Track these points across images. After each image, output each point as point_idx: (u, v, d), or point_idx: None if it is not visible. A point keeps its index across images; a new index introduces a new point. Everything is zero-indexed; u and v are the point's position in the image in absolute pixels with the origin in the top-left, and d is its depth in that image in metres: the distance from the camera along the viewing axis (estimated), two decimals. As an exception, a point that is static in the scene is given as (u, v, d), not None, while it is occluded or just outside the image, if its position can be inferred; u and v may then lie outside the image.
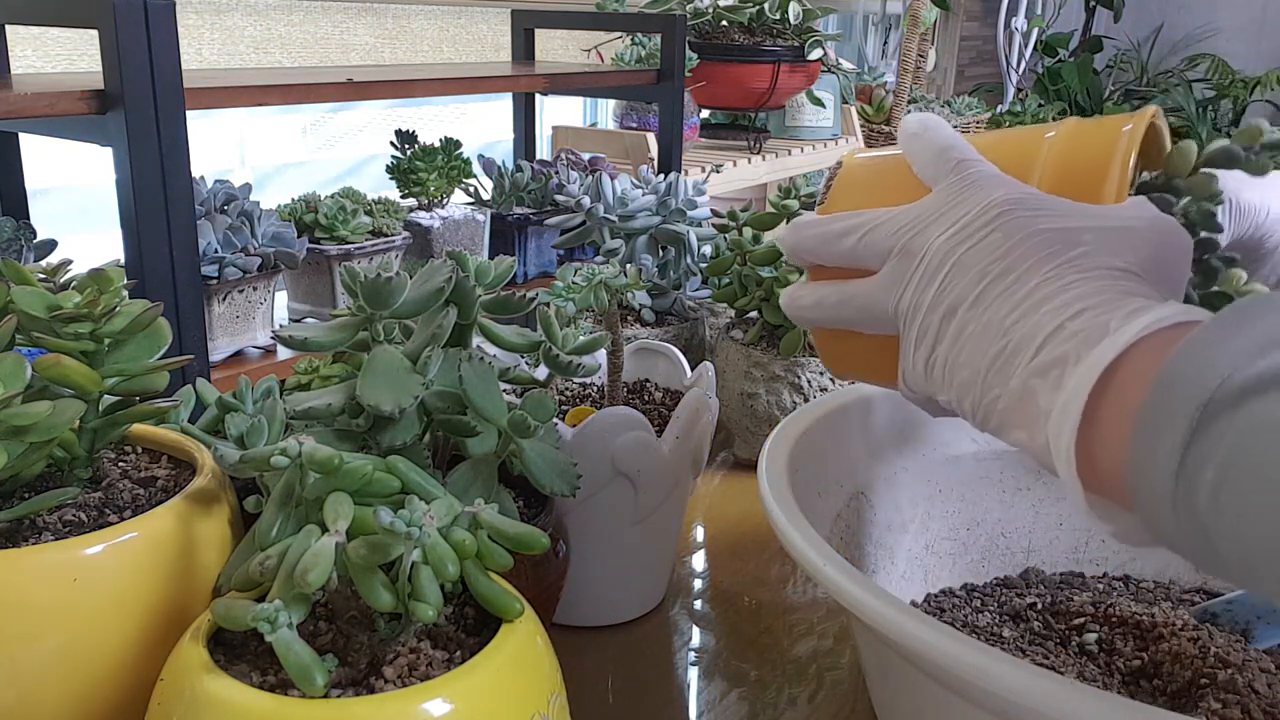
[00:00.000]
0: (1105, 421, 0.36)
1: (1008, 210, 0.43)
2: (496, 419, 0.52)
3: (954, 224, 0.44)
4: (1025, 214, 0.43)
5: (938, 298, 0.44)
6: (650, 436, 0.62)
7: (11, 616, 0.41)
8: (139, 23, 0.99)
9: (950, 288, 0.43)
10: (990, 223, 0.43)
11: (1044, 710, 0.37)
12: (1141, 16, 4.66)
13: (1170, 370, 0.34)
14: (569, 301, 0.63)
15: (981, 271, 0.42)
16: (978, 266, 0.42)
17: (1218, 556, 0.33)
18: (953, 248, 0.44)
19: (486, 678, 0.39)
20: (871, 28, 3.66)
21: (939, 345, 0.44)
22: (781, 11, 2.05)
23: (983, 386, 0.41)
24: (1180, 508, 0.33)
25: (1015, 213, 0.43)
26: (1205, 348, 0.34)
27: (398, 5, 2.19)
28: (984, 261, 0.42)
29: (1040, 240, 0.42)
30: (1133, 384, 0.36)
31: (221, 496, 0.50)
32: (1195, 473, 0.32)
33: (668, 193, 1.00)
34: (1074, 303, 0.39)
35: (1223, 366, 0.32)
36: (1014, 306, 0.41)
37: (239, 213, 1.21)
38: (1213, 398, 0.32)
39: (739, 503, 0.87)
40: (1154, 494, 0.34)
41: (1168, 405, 0.33)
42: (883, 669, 0.53)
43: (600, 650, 0.66)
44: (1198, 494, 0.32)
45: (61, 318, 0.47)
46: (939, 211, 0.45)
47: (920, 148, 0.49)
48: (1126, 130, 0.47)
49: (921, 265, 0.45)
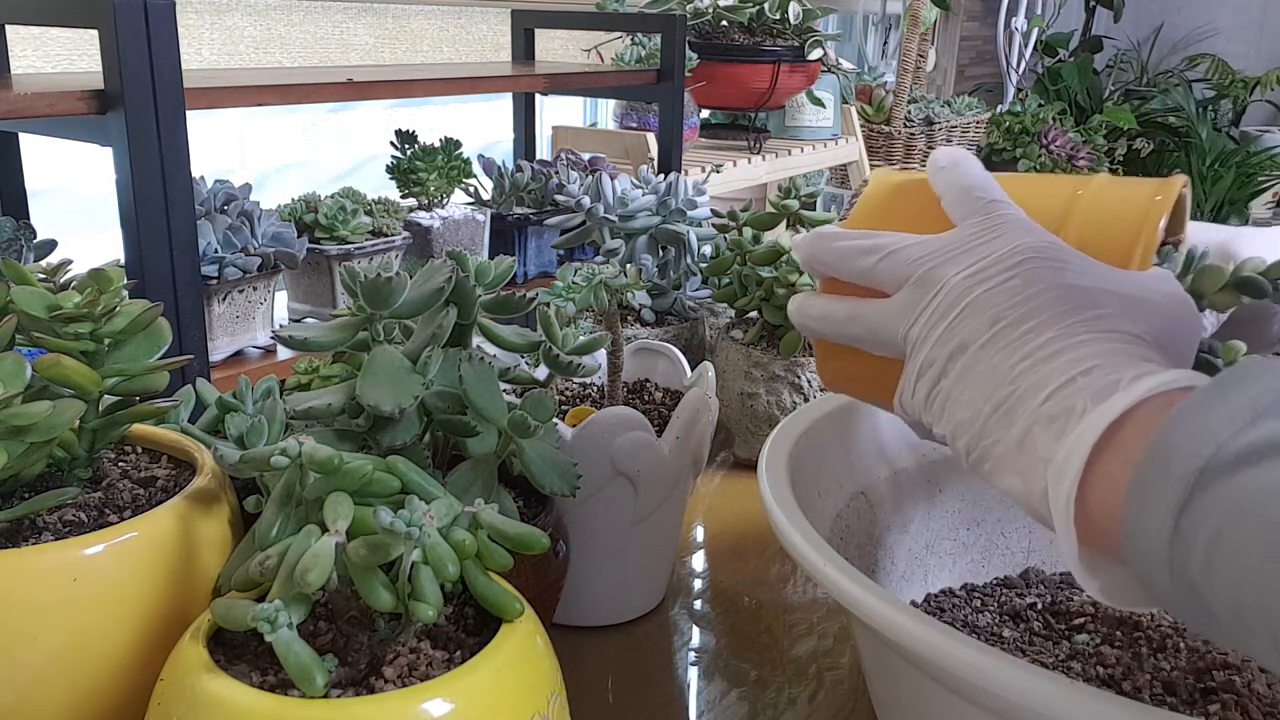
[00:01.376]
0: (1105, 477, 0.37)
1: (1031, 259, 0.43)
2: (496, 419, 0.52)
3: (975, 263, 0.44)
4: (1048, 265, 0.43)
5: (948, 333, 0.44)
6: (650, 436, 0.62)
7: (11, 616, 0.41)
8: (139, 23, 0.99)
9: (962, 326, 0.43)
10: (1012, 268, 0.43)
11: (1044, 710, 0.37)
12: (1141, 16, 4.66)
13: (1166, 435, 0.34)
14: (569, 301, 0.63)
15: (996, 315, 0.42)
16: (993, 310, 0.42)
17: (1213, 620, 0.33)
18: (970, 286, 0.44)
19: (486, 678, 0.39)
20: (871, 28, 3.66)
21: (943, 380, 0.44)
22: (781, 11, 2.05)
23: (982, 429, 0.41)
24: (1175, 572, 0.33)
25: (1038, 262, 0.43)
26: (1199, 414, 0.34)
27: (398, 5, 2.19)
28: (1000, 305, 0.42)
29: (1059, 295, 0.42)
30: (1135, 442, 0.36)
31: (221, 496, 0.50)
32: (1189, 539, 0.33)
33: (668, 193, 1.00)
34: (1087, 359, 0.39)
35: (1216, 433, 0.33)
36: (1025, 355, 0.41)
37: (239, 213, 1.21)
38: (1207, 465, 0.33)
39: (739, 503, 0.87)
40: (1148, 556, 0.34)
41: (1162, 470, 0.34)
42: (883, 669, 0.53)
43: (600, 650, 0.66)
44: (1191, 559, 0.33)
45: (61, 318, 0.47)
46: (962, 248, 0.45)
47: (948, 182, 0.49)
48: (1158, 200, 0.48)
49: (937, 298, 0.45)
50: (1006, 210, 0.47)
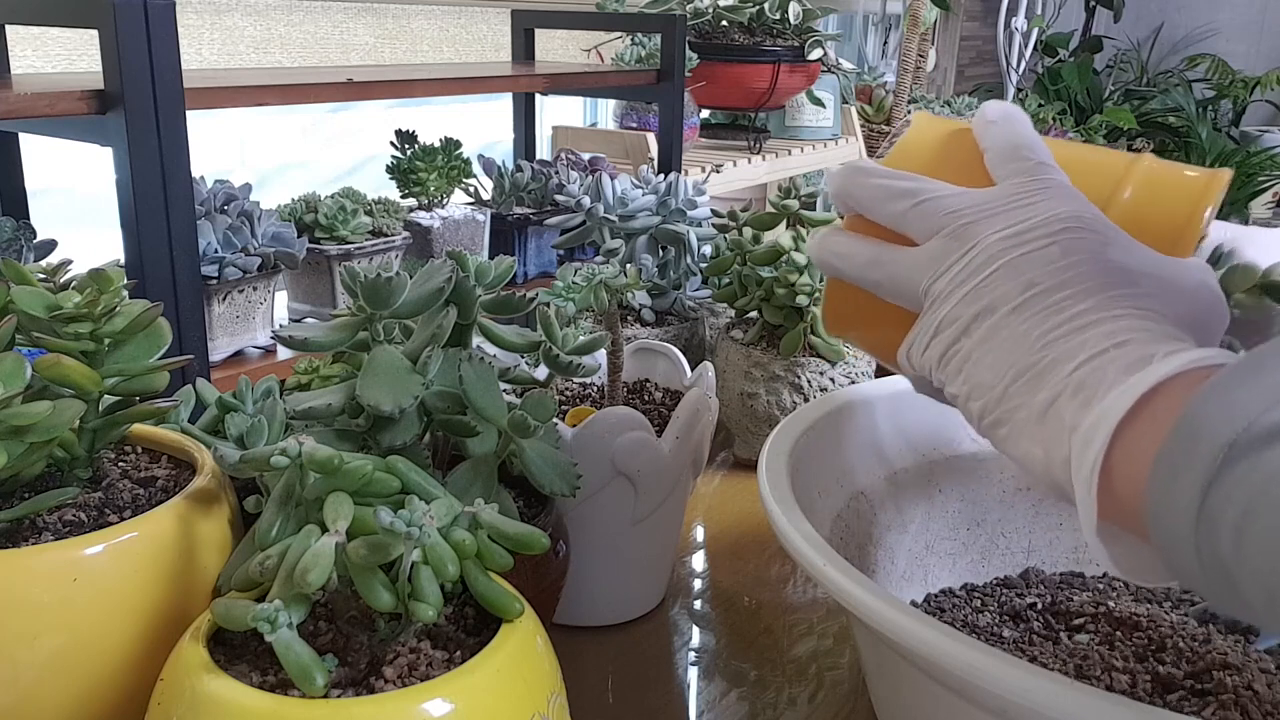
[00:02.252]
0: (1132, 449, 0.36)
1: (1073, 228, 0.42)
2: (496, 419, 0.52)
3: (1014, 224, 0.43)
4: (1090, 237, 0.42)
5: (976, 292, 0.42)
6: (650, 436, 0.62)
7: (11, 616, 0.41)
8: (139, 23, 0.99)
9: (993, 287, 0.42)
10: (1053, 235, 0.42)
11: (1044, 710, 0.37)
12: (1141, 16, 4.66)
13: (1193, 411, 0.34)
14: (569, 301, 0.63)
15: (1031, 280, 0.41)
16: (1028, 274, 0.41)
17: (1240, 597, 0.33)
18: (1007, 248, 0.43)
19: (486, 678, 0.39)
20: (871, 28, 3.66)
21: (964, 339, 0.43)
22: (781, 11, 2.05)
23: (1004, 393, 0.41)
24: (1201, 549, 0.33)
25: (1081, 233, 0.42)
26: (1228, 390, 0.33)
27: (398, 5, 2.19)
28: (1036, 271, 0.41)
29: (1100, 268, 0.41)
30: (1164, 417, 0.35)
31: (221, 496, 0.50)
32: (1217, 516, 0.32)
33: (668, 193, 1.00)
34: (1121, 333, 0.39)
35: (1247, 410, 0.32)
36: (1059, 324, 0.40)
37: (239, 213, 1.21)
38: (1235, 441, 0.32)
39: (739, 503, 0.87)
40: (1173, 533, 0.34)
41: (1190, 447, 0.33)
42: (883, 669, 0.53)
43: (600, 650, 0.66)
44: (1220, 536, 0.32)
45: (61, 318, 0.47)
46: (1003, 206, 0.44)
47: (996, 137, 0.47)
48: (1209, 190, 0.47)
49: (969, 255, 0.43)
50: (1053, 174, 0.45)
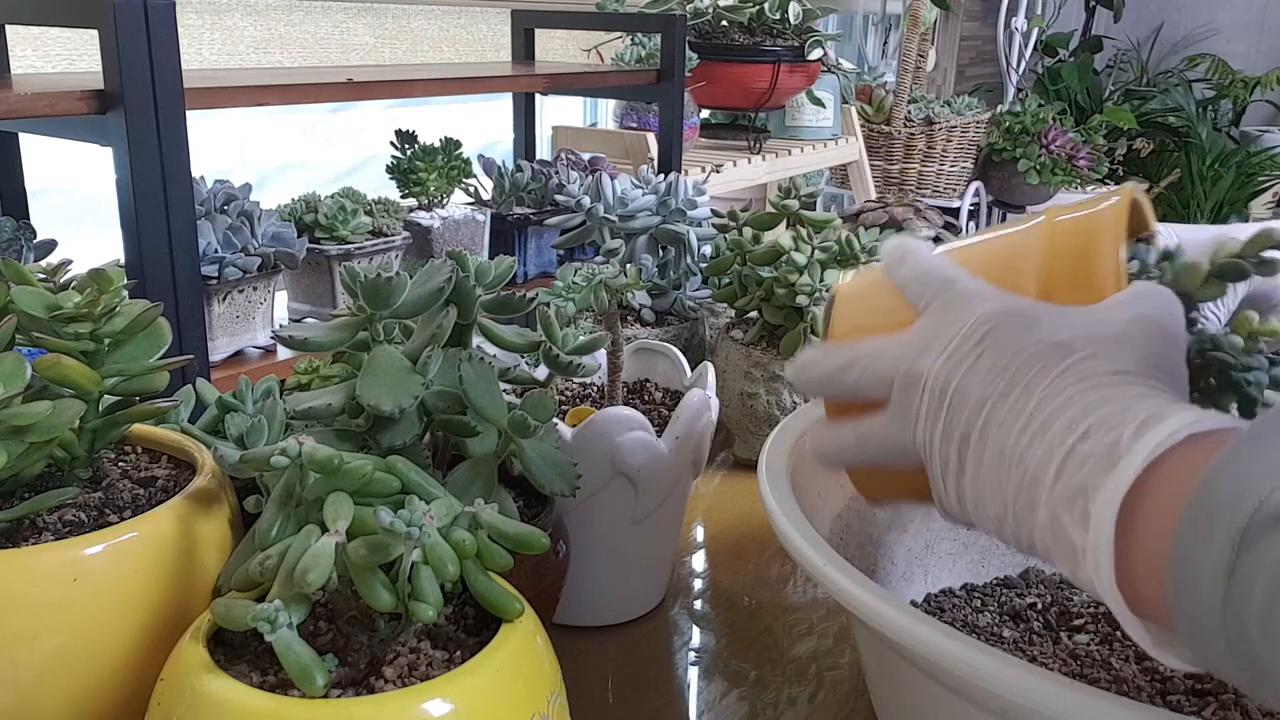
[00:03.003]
0: (1139, 553, 0.35)
1: (995, 327, 0.42)
2: (496, 419, 0.52)
3: (945, 347, 0.43)
4: (1011, 329, 0.42)
5: (948, 429, 0.42)
6: (650, 436, 0.62)
7: (11, 616, 0.41)
8: (139, 23, 0.99)
9: (956, 418, 0.41)
10: (979, 343, 0.42)
11: (1044, 710, 0.37)
12: (1141, 16, 4.66)
13: (1202, 496, 0.33)
14: (569, 301, 0.63)
15: (980, 398, 0.41)
16: (976, 393, 0.41)
17: (1272, 681, 0.32)
18: (949, 374, 0.42)
19: (486, 678, 0.39)
20: (871, 28, 3.66)
21: (962, 477, 0.42)
22: (781, 11, 2.05)
23: (1014, 520, 0.40)
24: (1229, 636, 0.32)
25: (1001, 330, 0.42)
26: (1236, 469, 0.32)
27: (398, 5, 2.19)
28: (981, 387, 0.41)
29: (1030, 355, 0.40)
30: (1157, 511, 0.34)
31: (221, 496, 0.50)
32: (1242, 601, 0.31)
33: (668, 193, 1.00)
34: (1079, 420, 0.38)
35: (1257, 488, 0.31)
36: (1020, 431, 0.39)
37: (239, 213, 1.21)
38: (1250, 522, 0.31)
39: (739, 503, 0.87)
40: (1198, 623, 0.33)
41: (1205, 533, 0.32)
42: (883, 669, 0.53)
43: (600, 650, 0.66)
44: (1247, 622, 0.31)
45: (61, 318, 0.47)
46: (931, 335, 0.44)
47: (905, 275, 0.48)
48: (1111, 221, 0.46)
49: (925, 395, 0.43)
50: (964, 284, 0.45)
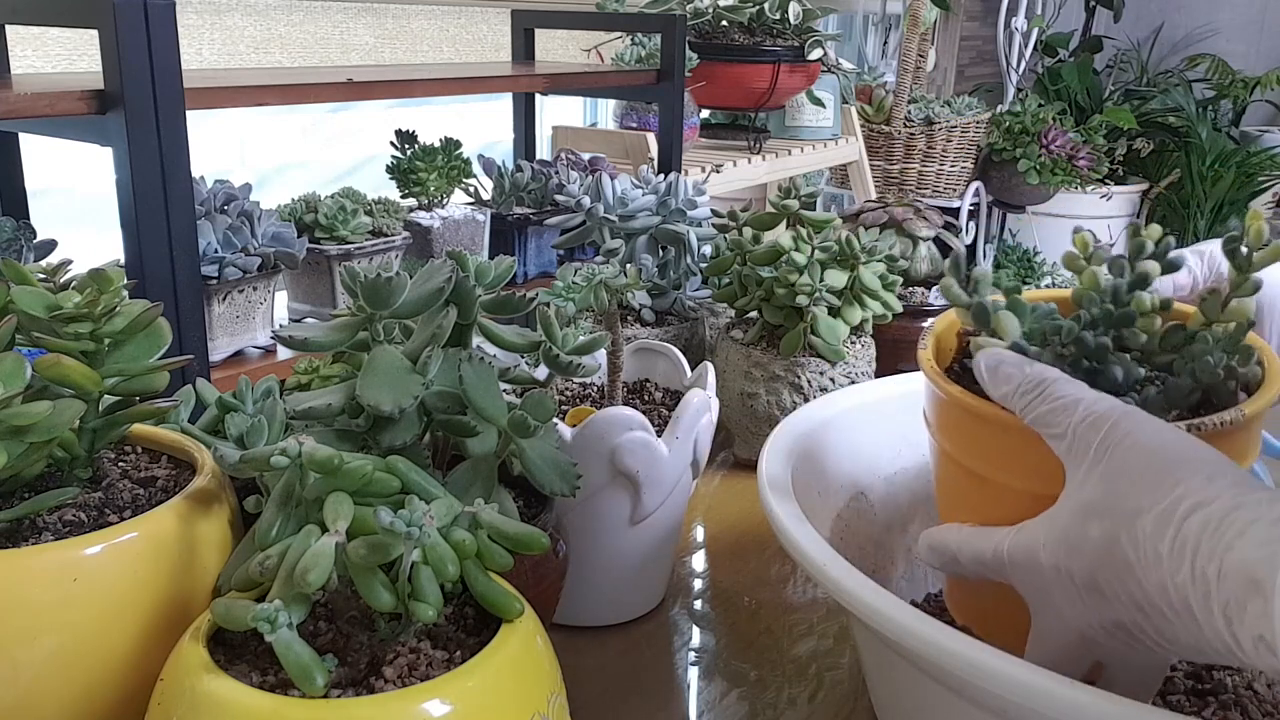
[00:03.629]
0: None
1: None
2: (496, 419, 0.52)
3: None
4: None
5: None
6: (650, 436, 0.62)
7: (12, 616, 0.41)
8: (139, 23, 0.99)
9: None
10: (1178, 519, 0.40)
11: (1044, 710, 0.37)
12: (1141, 16, 4.65)
13: None
14: (569, 301, 0.63)
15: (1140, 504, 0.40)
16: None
17: None
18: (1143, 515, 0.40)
19: (486, 678, 0.39)
20: (871, 28, 3.65)
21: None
22: (781, 11, 2.05)
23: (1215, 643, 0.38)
24: None
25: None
26: None
27: (398, 5, 2.19)
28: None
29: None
30: None
31: (221, 496, 0.50)
32: None
33: (668, 193, 1.00)
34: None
35: None
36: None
37: (239, 213, 1.21)
38: None
39: (739, 503, 0.87)
40: None
41: None
42: (883, 669, 0.53)
43: (600, 650, 0.66)
44: None
45: (61, 318, 0.47)
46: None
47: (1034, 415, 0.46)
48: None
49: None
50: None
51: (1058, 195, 2.99)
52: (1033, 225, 3.57)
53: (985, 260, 3.06)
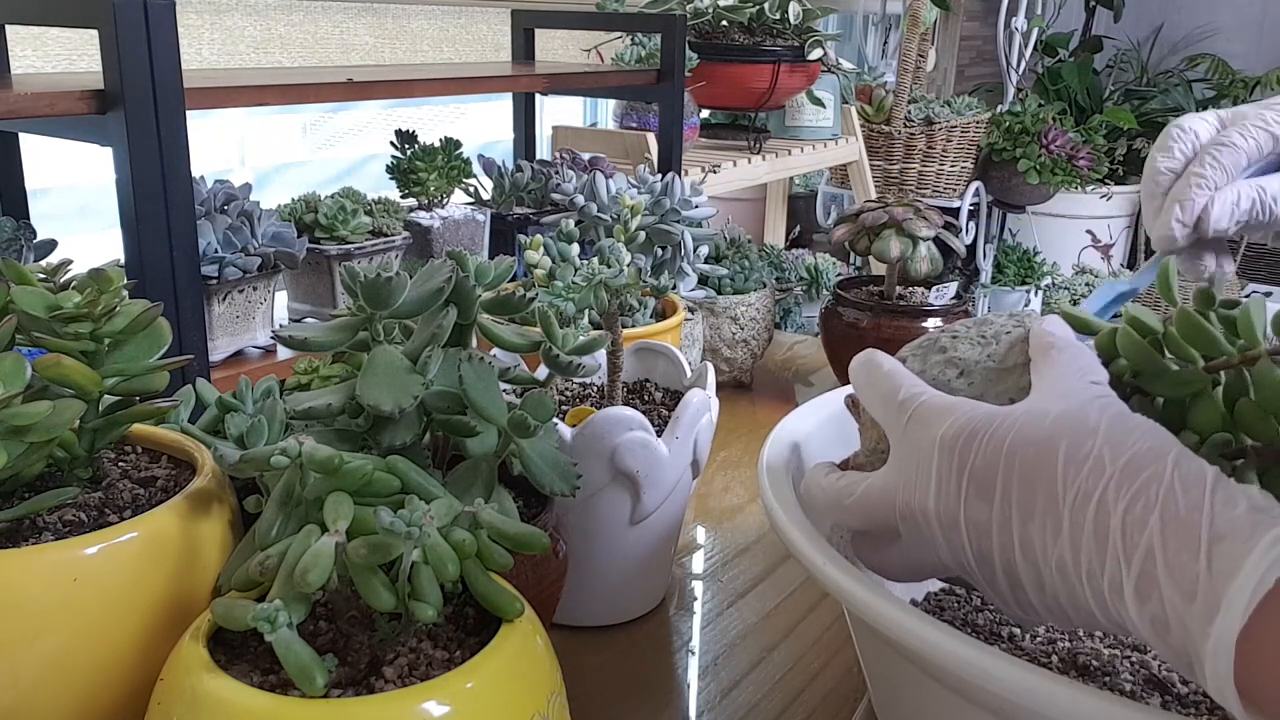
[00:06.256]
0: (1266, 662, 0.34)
1: (962, 453, 0.43)
2: (496, 419, 0.52)
3: (930, 482, 0.43)
4: (982, 453, 0.42)
5: (981, 554, 0.42)
6: (650, 436, 0.62)
7: (11, 616, 0.41)
8: (139, 23, 0.99)
9: (985, 543, 0.42)
10: (960, 472, 0.43)
11: (1044, 710, 0.37)
12: (1141, 16, 4.65)
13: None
14: (569, 301, 0.63)
15: (1001, 522, 0.41)
16: (995, 519, 0.41)
17: None
18: (949, 509, 0.43)
19: (486, 678, 0.39)
20: (871, 28, 3.66)
21: (1021, 592, 0.41)
22: (781, 11, 2.05)
23: (1106, 620, 0.39)
24: None
25: (975, 456, 0.42)
26: None
27: (398, 5, 2.19)
28: (993, 513, 0.41)
29: (1022, 477, 0.40)
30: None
31: (221, 496, 0.50)
32: None
33: (663, 193, 1.00)
34: (1131, 534, 0.37)
35: None
36: (1073, 549, 0.38)
37: (239, 213, 1.21)
38: None
39: (739, 503, 0.87)
40: None
41: None
42: (883, 669, 0.53)
43: (600, 650, 0.66)
44: None
45: (61, 318, 0.47)
46: (908, 469, 0.45)
47: (870, 400, 0.49)
48: None
49: (936, 530, 0.43)
50: (915, 403, 0.46)
51: (1058, 195, 2.98)
52: (1033, 225, 3.57)
53: (985, 260, 3.05)
